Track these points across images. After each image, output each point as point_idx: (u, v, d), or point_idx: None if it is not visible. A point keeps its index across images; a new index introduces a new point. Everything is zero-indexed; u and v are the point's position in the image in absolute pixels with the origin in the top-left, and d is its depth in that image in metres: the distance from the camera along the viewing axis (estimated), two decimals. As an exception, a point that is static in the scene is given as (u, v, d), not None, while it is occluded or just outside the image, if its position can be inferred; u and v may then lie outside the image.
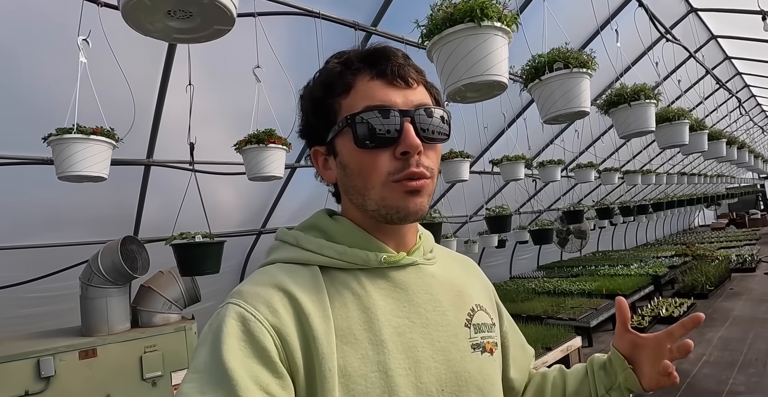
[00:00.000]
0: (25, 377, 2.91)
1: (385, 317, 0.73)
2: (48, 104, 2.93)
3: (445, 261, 0.90)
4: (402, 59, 0.76)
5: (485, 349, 0.82)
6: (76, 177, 2.20)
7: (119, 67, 2.36)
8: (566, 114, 2.01)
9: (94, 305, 3.34)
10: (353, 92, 0.74)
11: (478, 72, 1.47)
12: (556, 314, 6.30)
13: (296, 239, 0.79)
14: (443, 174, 4.16)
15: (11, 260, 4.01)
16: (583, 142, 6.81)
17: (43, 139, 2.19)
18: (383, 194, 0.73)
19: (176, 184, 4.03)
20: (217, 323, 0.66)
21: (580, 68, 1.95)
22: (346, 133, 0.73)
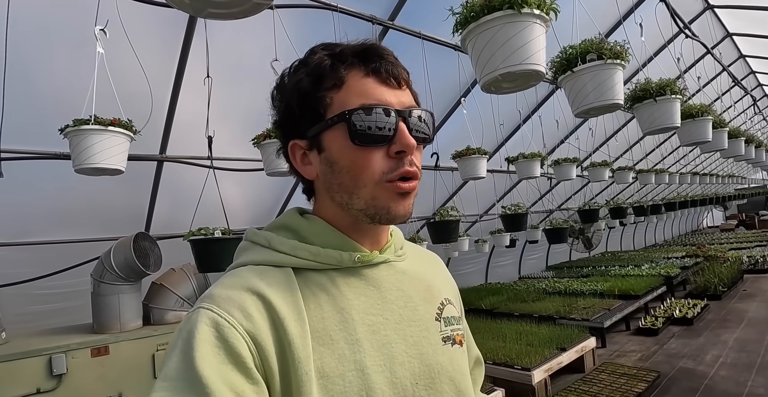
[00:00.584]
0: (36, 375, 2.88)
1: (359, 316, 0.74)
2: (61, 99, 2.89)
3: (413, 257, 0.90)
4: (393, 58, 0.75)
5: (455, 341, 0.84)
6: (93, 170, 2.15)
7: (137, 58, 2.32)
8: (599, 107, 1.94)
9: (106, 302, 3.30)
10: (345, 87, 0.73)
11: (516, 61, 1.41)
12: (569, 315, 6.23)
13: (267, 240, 0.77)
14: (460, 171, 4.10)
15: (22, 257, 3.98)
16: (596, 140, 6.74)
17: (60, 130, 2.14)
18: (375, 194, 0.72)
19: (188, 180, 4.01)
20: (188, 328, 0.64)
21: (614, 59, 1.88)
22: (339, 128, 0.72)
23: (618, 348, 5.86)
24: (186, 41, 2.98)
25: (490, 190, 6.54)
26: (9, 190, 3.45)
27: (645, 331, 6.36)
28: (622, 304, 6.76)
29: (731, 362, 4.99)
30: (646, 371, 4.77)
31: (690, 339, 5.93)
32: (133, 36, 2.56)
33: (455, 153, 4.04)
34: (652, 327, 6.35)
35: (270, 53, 2.80)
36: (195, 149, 3.74)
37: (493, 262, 9.96)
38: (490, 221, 7.51)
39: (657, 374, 4.69)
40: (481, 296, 7.78)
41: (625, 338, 6.32)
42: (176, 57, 3.10)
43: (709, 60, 6.01)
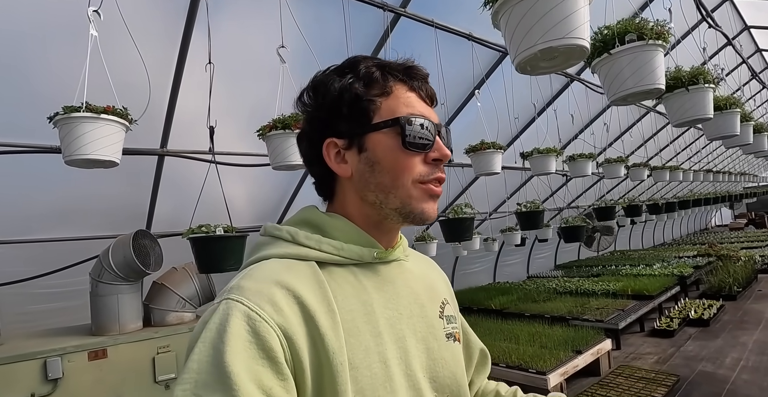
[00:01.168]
0: (31, 379, 2.74)
1: (380, 310, 0.77)
2: (60, 90, 2.73)
3: (414, 259, 0.96)
4: (427, 79, 0.84)
5: (455, 338, 0.90)
6: (84, 161, 1.99)
7: (134, 44, 2.15)
8: (638, 93, 1.77)
9: (104, 303, 3.16)
10: (393, 97, 0.79)
11: (558, 35, 1.24)
12: (582, 315, 6.05)
13: (291, 234, 0.79)
14: (473, 166, 3.92)
15: (21, 255, 3.87)
16: (610, 135, 6.56)
17: (49, 118, 1.98)
18: (411, 193, 0.78)
19: (190, 176, 3.86)
20: (218, 320, 0.64)
21: (656, 40, 1.71)
22: (389, 132, 0.77)
23: (633, 350, 5.68)
24: (187, 29, 2.82)
25: (500, 187, 6.37)
26: (7, 186, 3.33)
27: (660, 332, 6.17)
28: (636, 304, 6.58)
29: (752, 365, 4.81)
30: (664, 375, 4.60)
31: (707, 341, 5.75)
32: (132, 24, 2.42)
33: (469, 147, 3.87)
34: (668, 328, 6.16)
35: (276, 44, 2.65)
36: (198, 144, 3.59)
37: (500, 261, 9.79)
38: (500, 218, 7.34)
39: (676, 378, 4.51)
40: (490, 296, 7.60)
41: (640, 339, 6.14)
42: (177, 46, 2.94)
43: (727, 52, 5.82)
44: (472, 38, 3.84)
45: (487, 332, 5.62)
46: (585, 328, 5.37)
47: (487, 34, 4.02)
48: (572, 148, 6.21)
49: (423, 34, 3.60)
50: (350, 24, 3.04)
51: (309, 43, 2.82)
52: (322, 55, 2.86)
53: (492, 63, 4.34)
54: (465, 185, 5.59)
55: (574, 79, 5.20)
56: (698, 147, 10.29)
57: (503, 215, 7.06)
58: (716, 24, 4.51)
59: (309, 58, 2.99)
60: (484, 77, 4.03)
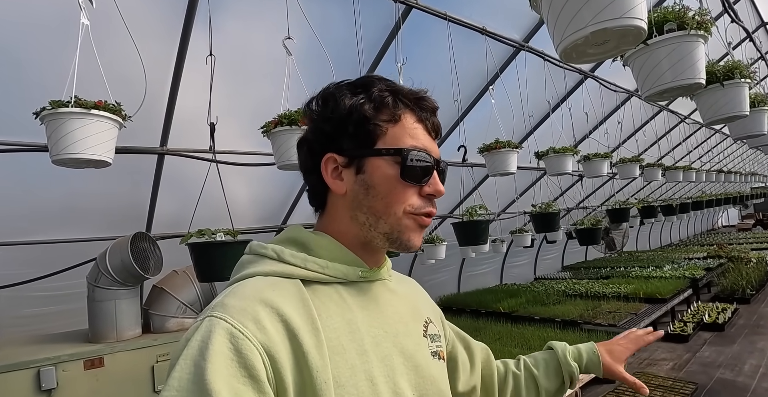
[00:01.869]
0: (23, 390, 2.62)
1: (365, 328, 0.77)
2: (56, 85, 2.60)
3: (397, 280, 0.96)
4: (436, 112, 0.85)
5: (440, 356, 0.90)
6: (73, 161, 1.83)
7: (131, 36, 2.00)
8: (677, 87, 1.61)
9: (101, 308, 3.03)
10: (400, 126, 0.79)
11: (613, 15, 1.08)
12: (594, 319, 5.89)
13: (277, 252, 0.79)
14: (487, 166, 3.77)
15: (18, 257, 3.73)
16: (623, 133, 6.40)
17: (35, 114, 1.82)
18: (402, 222, 0.79)
19: (191, 176, 3.71)
20: (200, 337, 0.64)
21: (698, 30, 1.55)
22: (389, 160, 0.78)
23: (647, 356, 5.51)
24: (187, 21, 2.68)
25: (509, 187, 6.21)
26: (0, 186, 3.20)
27: (674, 337, 6.00)
28: (648, 308, 6.41)
29: (773, 372, 4.65)
30: (682, 383, 4.44)
31: (724, 347, 5.58)
32: (128, 15, 2.27)
33: (483, 146, 3.71)
34: (682, 333, 5.99)
35: (279, 39, 2.50)
36: (199, 142, 3.44)
37: (507, 262, 9.63)
38: (509, 219, 7.19)
39: (695, 385, 4.35)
40: (498, 299, 7.45)
41: (653, 344, 5.96)
42: (177, 40, 2.79)
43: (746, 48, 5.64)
44: (485, 32, 3.68)
45: (497, 337, 5.47)
46: (598, 332, 5.21)
47: (501, 28, 3.86)
48: (584, 146, 6.05)
49: (435, 27, 3.44)
50: (359, 17, 2.89)
51: (315, 37, 2.68)
52: (329, 49, 2.73)
53: (505, 58, 4.18)
54: (474, 185, 5.43)
55: (588, 77, 5.04)
56: (709, 145, 10.12)
57: (512, 215, 6.90)
58: (738, 18, 4.35)
59: (315, 53, 2.84)
60: (498, 71, 3.87)
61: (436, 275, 8.03)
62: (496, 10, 3.74)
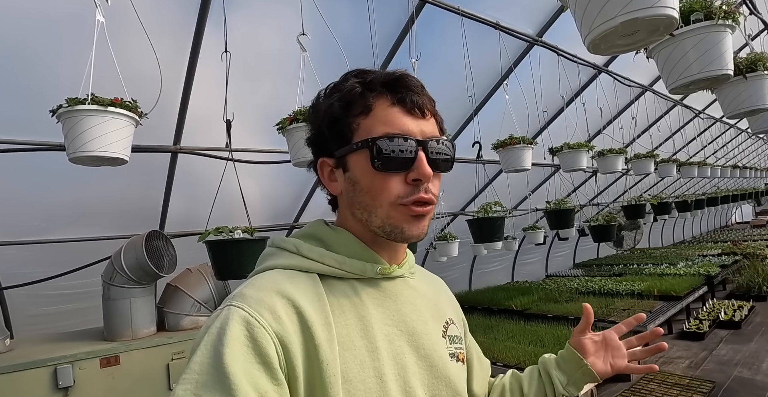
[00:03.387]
0: (41, 388, 2.62)
1: (378, 325, 0.77)
2: (69, 83, 2.59)
3: (421, 277, 0.95)
4: (420, 89, 0.80)
5: (458, 358, 0.89)
6: (90, 158, 1.83)
7: (146, 34, 1.99)
8: (704, 79, 1.57)
9: (116, 307, 3.03)
10: (372, 115, 0.77)
11: (644, 4, 1.05)
12: (608, 317, 5.81)
13: (296, 246, 0.81)
14: (501, 162, 3.73)
15: (33, 256, 3.77)
16: (637, 129, 6.32)
17: (52, 111, 1.82)
18: (390, 214, 0.77)
19: (205, 174, 3.73)
20: (219, 324, 0.66)
21: (725, 20, 1.51)
22: (363, 153, 0.76)
23: (663, 354, 5.44)
24: (200, 19, 2.66)
25: (521, 183, 6.16)
26: (15, 185, 3.21)
27: (690, 335, 5.93)
28: (663, 305, 6.32)
29: (794, 371, 4.57)
30: (699, 381, 4.37)
31: (741, 345, 5.50)
32: (142, 12, 2.26)
33: (497, 142, 3.68)
34: (698, 331, 5.92)
35: (291, 37, 2.48)
36: (212, 140, 3.43)
37: (519, 259, 9.57)
38: (521, 216, 7.14)
39: (712, 384, 4.29)
40: (510, 296, 7.39)
41: (669, 342, 5.89)
42: (190, 38, 2.78)
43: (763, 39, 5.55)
44: (499, 27, 3.64)
45: (510, 335, 5.42)
46: (612, 330, 5.15)
47: (515, 22, 3.82)
48: (598, 142, 5.98)
49: (448, 22, 3.41)
50: (371, 12, 2.87)
51: (325, 34, 2.66)
52: (343, 44, 2.71)
53: (519, 53, 4.14)
54: (486, 181, 5.39)
55: (601, 71, 4.97)
56: (724, 140, 9.99)
57: (525, 212, 6.84)
58: (756, 10, 4.26)
59: (327, 50, 2.82)
60: (512, 65, 3.83)
61: (447, 273, 8.00)
62: (509, 5, 3.70)
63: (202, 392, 0.60)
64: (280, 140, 2.72)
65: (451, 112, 4.37)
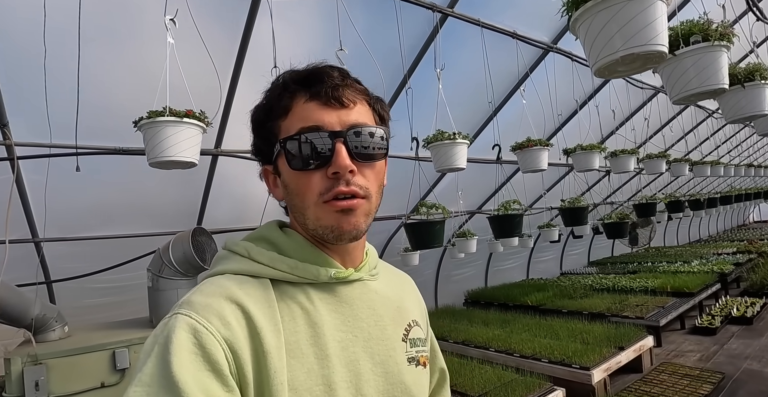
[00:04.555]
0: (101, 369, 2.89)
1: (330, 332, 0.75)
2: (95, 91, 2.85)
3: (386, 277, 0.93)
4: (338, 79, 0.76)
5: (419, 362, 0.87)
6: (168, 163, 2.10)
7: (206, 48, 2.25)
8: (702, 92, 1.79)
9: (165, 297, 3.30)
10: (291, 114, 0.76)
11: (640, 42, 1.28)
12: (621, 312, 6.01)
13: (247, 250, 0.79)
14: (519, 163, 3.95)
15: (77, 251, 4.04)
16: (650, 130, 6.47)
17: (134, 123, 2.10)
18: (317, 214, 0.75)
19: (238, 175, 3.99)
20: (165, 334, 0.64)
21: (720, 41, 1.73)
22: (283, 155, 0.75)
23: (675, 348, 5.62)
24: (246, 30, 2.91)
25: (537, 182, 6.36)
26: (67, 186, 3.48)
27: (702, 330, 6.09)
28: (676, 301, 6.49)
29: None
30: (709, 372, 4.55)
31: (752, 339, 5.64)
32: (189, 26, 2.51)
33: (515, 144, 3.90)
34: (710, 326, 6.07)
35: (320, 48, 2.71)
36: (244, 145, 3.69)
37: (534, 257, 9.75)
38: (537, 214, 7.32)
39: (721, 375, 4.46)
40: (525, 292, 7.60)
41: (681, 337, 6.07)
42: (234, 49, 3.04)
43: None
44: (516, 36, 3.87)
45: (526, 328, 5.64)
46: (625, 325, 5.34)
47: (531, 31, 4.04)
48: (611, 143, 6.15)
49: (468, 33, 3.64)
50: (397, 24, 3.10)
51: (360, 47, 2.90)
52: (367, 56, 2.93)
53: (535, 59, 4.36)
54: (503, 181, 5.60)
55: (655, 73, 5.15)
56: (738, 140, 10.05)
57: (540, 210, 7.04)
58: (764, 16, 4.41)
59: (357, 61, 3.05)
60: (528, 71, 4.05)
61: (464, 270, 8.22)
62: (525, 15, 3.92)
63: None
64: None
65: (472, 116, 4.60)
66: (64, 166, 3.27)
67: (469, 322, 6.30)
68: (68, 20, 2.26)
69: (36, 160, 3.13)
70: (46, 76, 2.33)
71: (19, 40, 2.57)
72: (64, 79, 2.48)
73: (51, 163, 3.14)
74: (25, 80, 2.70)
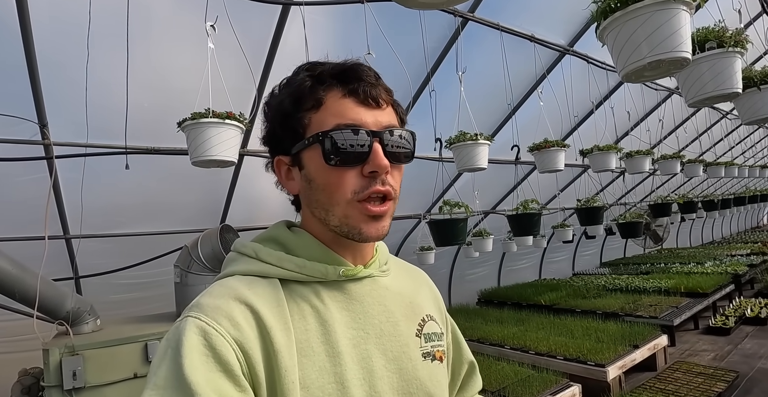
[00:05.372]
0: (134, 360, 3.00)
1: (341, 330, 0.75)
2: (108, 94, 2.89)
3: (397, 272, 0.92)
4: (374, 79, 0.77)
5: (435, 357, 0.86)
6: (210, 162, 2.23)
7: (243, 53, 2.36)
8: (717, 96, 1.87)
9: (193, 292, 3.40)
10: (324, 108, 0.75)
11: (665, 49, 1.38)
12: (635, 312, 6.06)
13: (255, 251, 0.79)
14: (537, 164, 4.04)
15: (106, 248, 4.17)
16: (664, 130, 6.52)
17: (178, 124, 2.22)
18: (346, 212, 0.74)
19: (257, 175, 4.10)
20: (176, 337, 0.65)
21: (735, 47, 1.81)
22: (315, 148, 0.74)
23: (689, 347, 5.67)
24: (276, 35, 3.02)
25: (551, 182, 6.43)
26: (97, 184, 3.60)
27: (716, 330, 6.13)
28: (689, 302, 6.53)
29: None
30: (723, 371, 4.60)
31: (766, 340, 5.68)
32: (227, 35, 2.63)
33: (532, 145, 3.99)
34: (724, 326, 6.11)
35: (344, 51, 2.80)
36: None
37: (546, 257, 9.80)
38: (551, 214, 7.38)
39: (736, 374, 4.51)
40: (538, 292, 7.67)
41: (695, 336, 6.11)
42: (263, 54, 3.16)
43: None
44: (534, 40, 3.95)
45: (540, 327, 5.71)
46: (639, 324, 5.40)
47: (548, 34, 4.13)
48: (625, 143, 6.21)
49: (487, 36, 3.74)
50: (420, 28, 3.20)
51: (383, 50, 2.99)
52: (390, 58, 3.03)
53: (551, 62, 4.44)
54: (518, 181, 5.69)
55: (671, 77, 5.22)
56: (753, 141, 10.03)
57: (554, 210, 7.10)
58: (781, 18, 4.46)
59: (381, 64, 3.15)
60: (546, 72, 4.13)
61: (477, 269, 8.29)
62: (543, 19, 4.00)
63: None
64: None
65: (489, 116, 4.69)
66: (93, 166, 3.41)
67: (484, 320, 6.38)
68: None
69: (68, 160, 3.25)
70: (87, 80, 2.45)
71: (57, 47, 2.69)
72: (99, 81, 2.60)
73: (81, 163, 3.26)
74: (62, 82, 2.82)
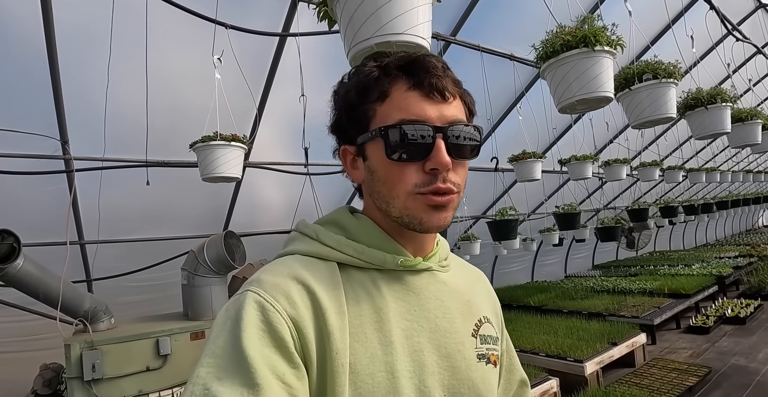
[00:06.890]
0: (147, 355, 3.29)
1: (396, 319, 0.74)
2: None
3: (457, 271, 0.91)
4: (441, 71, 0.75)
5: (489, 360, 0.83)
6: (218, 178, 2.55)
7: (245, 81, 2.68)
8: (654, 120, 2.19)
9: (199, 293, 3.70)
10: (389, 101, 0.74)
11: (591, 89, 1.69)
12: (618, 312, 6.36)
13: (316, 232, 0.80)
14: (516, 173, 4.35)
15: (117, 253, 4.45)
16: (645, 139, 6.82)
17: (190, 146, 2.54)
18: (407, 204, 0.74)
19: (258, 185, 4.41)
20: (235, 309, 0.66)
21: (668, 78, 2.12)
22: (378, 142, 0.73)
23: (668, 345, 5.95)
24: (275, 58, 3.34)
25: (539, 189, 6.72)
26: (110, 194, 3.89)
27: (696, 329, 6.41)
28: (672, 302, 6.83)
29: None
30: (697, 367, 4.87)
31: (743, 338, 5.95)
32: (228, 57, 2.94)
33: (512, 157, 4.30)
34: (703, 325, 6.39)
35: None
36: (273, 156, 4.12)
37: (539, 260, 10.09)
38: (538, 219, 7.69)
39: (708, 369, 4.78)
40: (529, 294, 7.97)
41: (675, 335, 6.40)
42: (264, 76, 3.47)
43: (760, 59, 6.02)
44: (513, 58, 4.27)
45: (527, 326, 6.00)
46: (621, 323, 5.70)
47: (526, 52, 4.42)
48: (608, 152, 6.51)
49: (467, 54, 4.05)
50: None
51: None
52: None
53: (530, 78, 4.76)
54: (504, 188, 5.99)
55: (617, 101, 5.54)
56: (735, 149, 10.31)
57: (542, 216, 7.41)
58: (744, 36, 4.77)
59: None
60: (524, 90, 4.44)
61: (470, 272, 8.54)
62: (521, 38, 4.31)
63: (223, 375, 0.59)
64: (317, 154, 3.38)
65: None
66: (106, 177, 3.70)
67: (474, 321, 6.63)
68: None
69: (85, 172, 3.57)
70: (107, 101, 2.77)
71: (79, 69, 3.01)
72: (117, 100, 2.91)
73: (98, 175, 3.58)
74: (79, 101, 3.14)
